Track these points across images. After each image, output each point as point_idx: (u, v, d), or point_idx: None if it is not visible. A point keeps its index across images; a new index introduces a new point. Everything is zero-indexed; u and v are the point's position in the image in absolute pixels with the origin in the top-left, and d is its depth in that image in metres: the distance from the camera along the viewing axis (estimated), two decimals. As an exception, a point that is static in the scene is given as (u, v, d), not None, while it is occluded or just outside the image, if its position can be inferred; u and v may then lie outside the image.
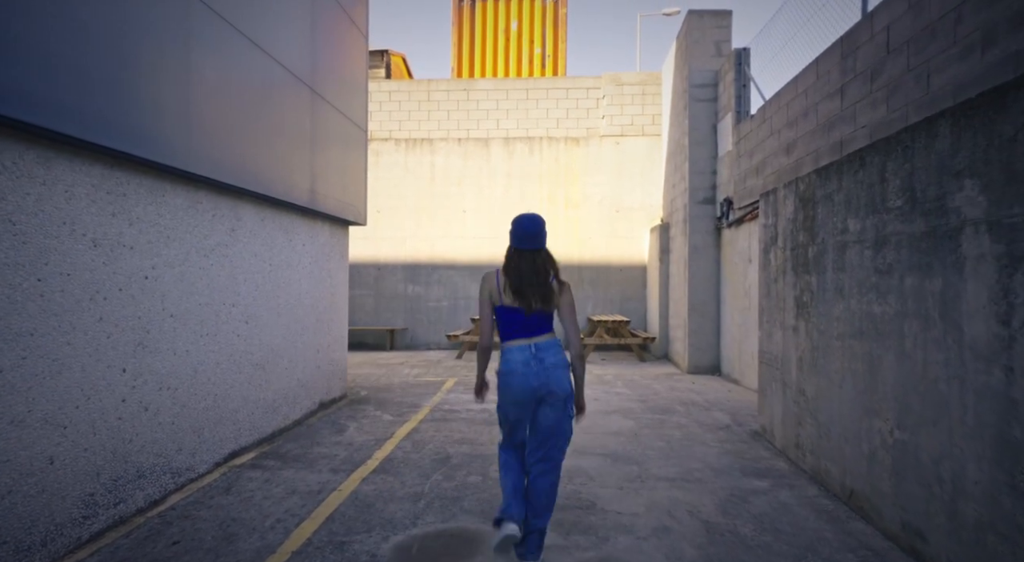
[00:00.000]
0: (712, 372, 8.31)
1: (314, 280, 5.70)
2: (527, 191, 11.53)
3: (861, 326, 3.15)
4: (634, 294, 11.39)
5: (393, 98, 11.76)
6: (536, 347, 2.60)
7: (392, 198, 11.65)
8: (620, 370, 8.69)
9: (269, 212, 4.76)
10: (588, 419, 5.47)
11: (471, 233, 11.54)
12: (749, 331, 7.06)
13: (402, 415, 5.69)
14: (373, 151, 11.67)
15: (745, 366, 7.22)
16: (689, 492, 3.61)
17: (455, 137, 11.65)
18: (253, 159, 4.31)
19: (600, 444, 4.66)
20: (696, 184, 8.41)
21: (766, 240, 4.76)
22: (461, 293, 11.51)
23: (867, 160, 3.09)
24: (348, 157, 6.33)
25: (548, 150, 11.54)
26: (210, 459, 3.93)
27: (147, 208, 3.29)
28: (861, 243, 3.16)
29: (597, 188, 11.47)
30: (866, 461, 3.09)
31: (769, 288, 4.67)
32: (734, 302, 7.65)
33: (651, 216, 11.30)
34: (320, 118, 5.55)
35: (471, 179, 11.60)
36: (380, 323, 11.52)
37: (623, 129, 11.46)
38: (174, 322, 3.53)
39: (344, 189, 6.21)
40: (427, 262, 11.57)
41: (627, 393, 6.83)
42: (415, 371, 8.55)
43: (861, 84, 4.32)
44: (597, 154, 11.48)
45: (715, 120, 8.36)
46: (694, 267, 8.39)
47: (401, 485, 3.73)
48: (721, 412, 5.79)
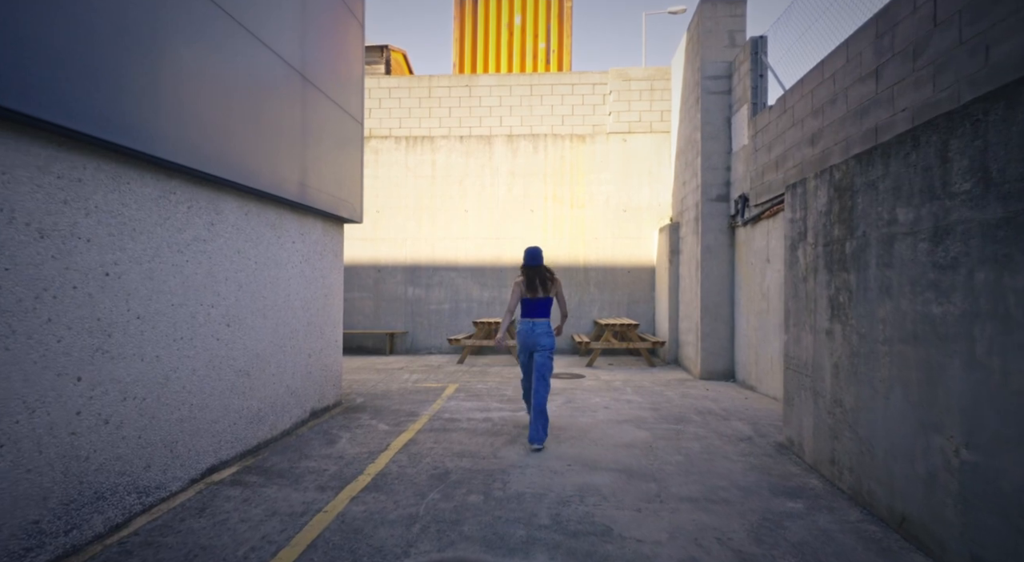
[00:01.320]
0: (726, 378, 7.92)
1: (305, 280, 5.34)
2: (531, 190, 11.17)
3: (915, 329, 2.77)
4: (642, 296, 11.01)
5: (393, 95, 11.42)
6: (533, 324, 4.76)
7: (392, 198, 11.31)
8: (629, 375, 8.30)
9: (254, 206, 4.41)
10: (598, 429, 5.09)
11: (473, 234, 11.19)
12: (767, 335, 6.67)
13: (399, 425, 5.32)
14: (372, 149, 11.34)
15: (762, 372, 6.83)
16: (716, 515, 3.23)
17: (457, 135, 11.31)
18: (236, 148, 3.96)
19: (613, 458, 4.28)
20: (709, 181, 8.04)
21: (793, 236, 4.38)
22: (463, 296, 11.15)
23: (922, 140, 2.72)
24: (343, 151, 5.98)
25: (553, 148, 11.19)
26: (185, 475, 3.56)
27: (108, 196, 2.93)
28: (914, 235, 2.78)
29: (603, 187, 11.10)
30: (923, 484, 2.70)
31: (797, 288, 4.28)
32: (750, 304, 7.27)
33: (660, 216, 10.93)
34: (311, 107, 5.20)
35: (473, 178, 11.25)
36: (380, 326, 11.16)
37: (630, 126, 11.09)
38: (141, 324, 3.17)
39: (339, 184, 5.86)
40: (428, 264, 11.22)
41: (638, 401, 6.45)
42: (415, 376, 8.17)
43: (901, 63, 3.95)
44: (603, 152, 11.12)
45: (729, 113, 7.99)
46: (707, 268, 8.01)
47: (394, 505, 3.36)
48: (740, 422, 5.40)
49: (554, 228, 11.11)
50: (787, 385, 4.48)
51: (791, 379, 4.39)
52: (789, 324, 4.44)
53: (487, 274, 11.13)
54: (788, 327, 4.46)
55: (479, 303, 11.13)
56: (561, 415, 5.69)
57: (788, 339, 4.45)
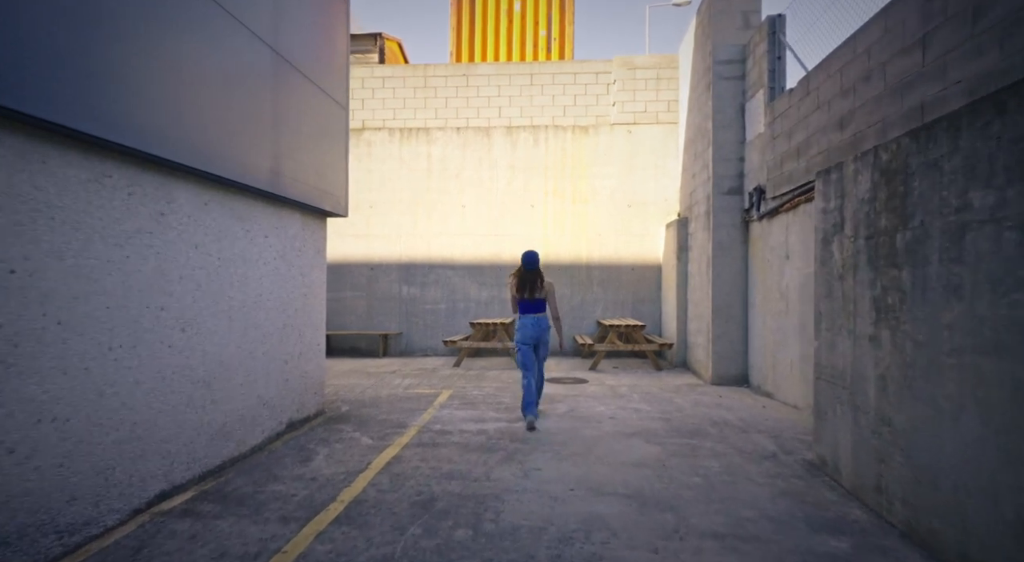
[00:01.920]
0: (739, 383, 7.40)
1: (280, 279, 4.84)
2: (531, 184, 10.65)
3: (998, 338, 2.26)
4: (647, 296, 10.49)
5: (387, 85, 10.91)
6: (537, 319, 5.33)
7: (386, 192, 10.80)
8: (635, 380, 7.79)
9: (216, 195, 3.90)
10: (604, 444, 4.59)
11: (470, 230, 10.68)
12: (786, 338, 6.15)
13: (384, 438, 4.82)
14: (365, 141, 10.83)
15: (780, 378, 6.31)
16: (748, 558, 2.72)
17: (454, 126, 10.80)
18: (191, 127, 3.46)
19: (621, 479, 3.77)
20: (721, 172, 7.52)
21: (826, 228, 3.86)
22: (460, 295, 10.64)
23: (1010, 105, 2.20)
24: (325, 138, 5.47)
25: (554, 140, 10.67)
26: (124, 506, 3.06)
27: (13, 178, 2.43)
28: (997, 222, 2.27)
29: (607, 181, 10.58)
30: (1011, 531, 2.19)
31: (831, 287, 3.77)
32: (766, 305, 6.75)
33: (667, 211, 10.41)
34: (285, 87, 4.69)
35: (471, 172, 10.74)
36: (373, 327, 10.66)
37: (635, 117, 10.57)
38: (64, 331, 2.66)
39: (320, 174, 5.35)
40: (423, 261, 10.71)
41: (646, 409, 5.94)
42: (407, 381, 7.67)
43: (955, 29, 3.43)
44: (607, 144, 10.60)
45: (742, 100, 7.47)
46: (718, 265, 7.49)
47: (366, 544, 2.85)
48: (761, 435, 4.89)
49: (555, 224, 10.60)
50: (818, 397, 3.96)
51: (823, 391, 3.87)
52: (821, 328, 3.92)
53: (485, 272, 10.63)
54: (819, 331, 3.94)
55: (477, 303, 10.63)
56: (563, 427, 5.19)
57: (820, 345, 3.94)
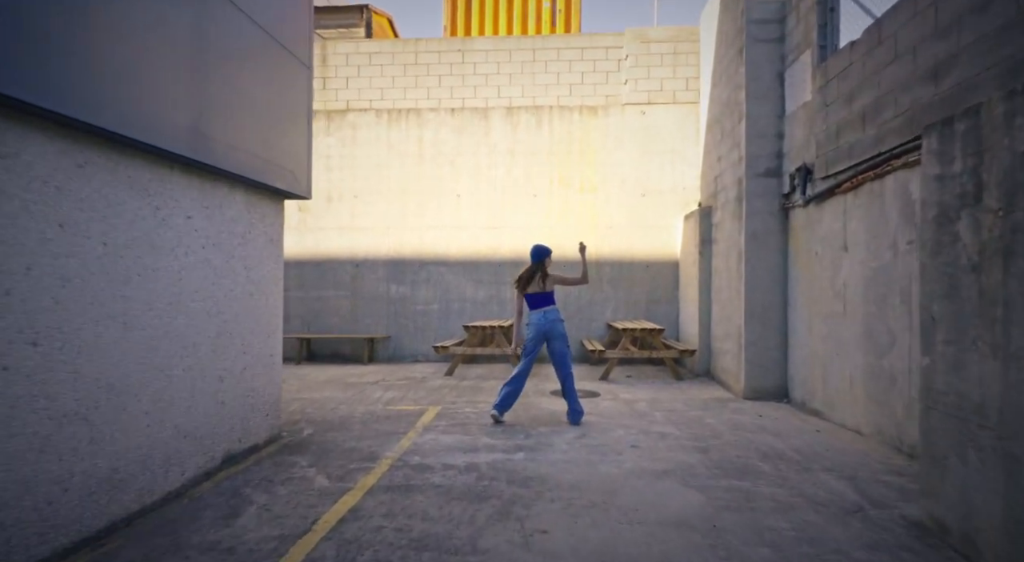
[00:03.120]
0: (777, 398, 6.32)
1: (214, 273, 3.77)
2: (534, 171, 9.57)
3: None
4: (663, 295, 9.41)
5: (374, 61, 9.85)
6: (544, 312, 5.20)
7: (372, 180, 9.73)
8: (654, 393, 6.71)
9: (100, 155, 2.83)
10: (629, 488, 3.51)
11: (466, 222, 9.61)
12: (844, 345, 5.07)
13: (346, 477, 3.75)
14: (349, 124, 9.76)
15: (835, 394, 5.23)
16: None
17: (448, 107, 9.72)
18: (34, 43, 2.39)
19: (660, 553, 2.69)
20: (756, 151, 6.43)
21: (943, 201, 2.78)
22: (455, 295, 9.57)
23: None
24: (280, 100, 4.41)
25: (559, 122, 9.59)
26: (-88, 617, 1.99)
27: None
28: None
29: (618, 167, 9.50)
30: None
31: (956, 283, 2.69)
32: (814, 306, 5.67)
33: (685, 201, 9.32)
34: (217, 25, 3.62)
35: (467, 157, 9.66)
36: (358, 330, 9.60)
37: (650, 96, 9.48)
38: None
39: (271, 144, 4.29)
40: (414, 257, 9.65)
41: (675, 433, 4.86)
42: (389, 394, 6.60)
43: None
44: (618, 126, 9.51)
45: (781, 67, 6.38)
46: (753, 260, 6.41)
47: None
48: (830, 475, 3.81)
49: (560, 215, 9.52)
50: (930, 434, 2.88)
51: (942, 427, 2.79)
52: (935, 340, 2.84)
53: (482, 269, 9.56)
54: (932, 345, 2.86)
55: (473, 303, 9.55)
56: (575, 460, 4.11)
57: (934, 363, 2.86)
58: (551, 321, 5.16)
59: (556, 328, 5.16)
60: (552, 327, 5.15)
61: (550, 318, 5.17)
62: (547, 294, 5.24)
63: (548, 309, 5.21)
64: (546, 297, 5.23)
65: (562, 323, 5.23)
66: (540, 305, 5.22)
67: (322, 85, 9.82)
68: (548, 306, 5.22)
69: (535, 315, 5.20)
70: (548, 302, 5.23)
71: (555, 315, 5.21)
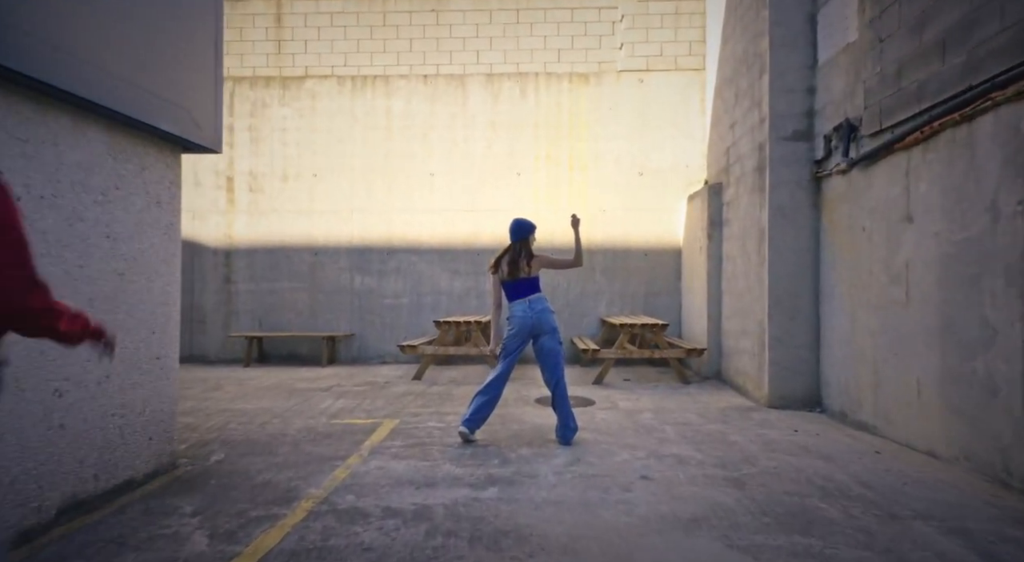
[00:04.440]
0: (809, 406, 5.24)
1: (43, 241, 2.59)
2: (517, 147, 8.44)
3: None
4: (663, 287, 8.32)
5: (336, 22, 8.65)
6: (529, 302, 4.15)
7: (333, 157, 8.53)
8: (659, 400, 5.61)
9: None
10: (647, 548, 2.36)
11: (441, 205, 8.45)
12: (907, 342, 3.99)
13: (235, 535, 2.58)
14: (308, 92, 8.56)
15: (896, 404, 4.15)
16: None
17: (420, 74, 8.55)
18: None
19: None
20: (782, 110, 5.34)
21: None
22: (428, 286, 8.41)
23: None
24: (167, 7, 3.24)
25: (546, 91, 8.46)
26: None
27: None
28: None
29: (613, 143, 8.39)
30: None
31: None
32: (861, 294, 4.59)
33: (688, 181, 8.24)
34: None
35: (442, 131, 8.50)
36: (317, 328, 8.40)
37: (648, 62, 8.38)
38: None
39: (149, 67, 3.11)
40: (381, 244, 8.47)
41: (695, 456, 3.75)
42: (340, 404, 5.43)
43: None
44: (613, 96, 8.40)
45: (813, 7, 5.30)
46: (778, 241, 5.32)
47: None
48: (929, 525, 2.70)
49: (548, 197, 8.40)
50: None
51: None
52: None
53: (460, 258, 8.41)
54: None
55: (449, 296, 8.40)
56: (567, 500, 2.98)
57: None
58: (538, 312, 4.15)
59: (545, 320, 4.15)
60: (540, 319, 4.14)
61: (536, 308, 4.15)
62: (532, 280, 4.21)
63: (534, 298, 4.18)
64: (531, 284, 4.21)
65: (552, 314, 4.21)
66: (523, 293, 4.19)
67: (277, 49, 8.61)
68: (533, 294, 4.19)
69: (518, 306, 4.18)
70: (533, 289, 4.21)
71: (542, 304, 4.20)
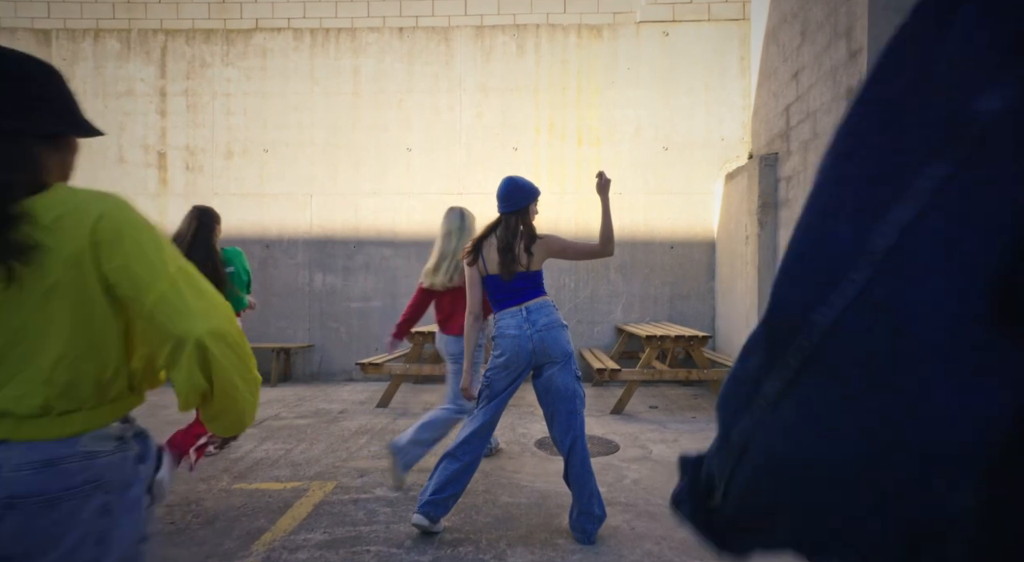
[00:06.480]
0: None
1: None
2: (514, 116, 6.88)
3: None
4: (693, 288, 6.77)
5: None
6: (527, 312, 2.60)
7: (289, 128, 6.97)
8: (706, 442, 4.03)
9: None
10: None
11: (421, 186, 6.89)
12: None
13: None
14: (257, 49, 7.00)
15: None
16: None
17: (395, 26, 7.00)
18: None
19: None
20: (884, 33, 3.80)
21: None
22: (404, 286, 6.85)
23: None
24: None
25: (549, 47, 6.91)
26: None
27: None
28: None
29: (631, 110, 6.84)
30: None
31: None
32: None
33: (724, 157, 6.69)
34: None
35: (421, 96, 6.94)
36: (267, 337, 6.82)
37: (675, 10, 6.84)
38: None
39: None
40: (347, 235, 6.91)
41: None
42: (262, 450, 3.86)
43: None
44: (631, 53, 6.85)
45: None
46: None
47: None
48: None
49: (551, 177, 6.84)
50: None
51: None
52: None
53: (442, 251, 6.83)
54: None
55: (429, 298, 6.82)
56: None
57: None
58: (542, 329, 2.57)
59: (552, 342, 2.56)
60: (545, 340, 2.56)
61: (539, 323, 2.58)
62: (532, 277, 2.64)
63: (534, 305, 2.61)
64: (530, 283, 2.64)
65: (564, 330, 2.62)
66: (518, 299, 2.62)
67: (221, -3, 7.06)
68: (534, 300, 2.62)
69: (509, 318, 2.61)
70: (533, 292, 2.64)
71: (548, 316, 2.61)
